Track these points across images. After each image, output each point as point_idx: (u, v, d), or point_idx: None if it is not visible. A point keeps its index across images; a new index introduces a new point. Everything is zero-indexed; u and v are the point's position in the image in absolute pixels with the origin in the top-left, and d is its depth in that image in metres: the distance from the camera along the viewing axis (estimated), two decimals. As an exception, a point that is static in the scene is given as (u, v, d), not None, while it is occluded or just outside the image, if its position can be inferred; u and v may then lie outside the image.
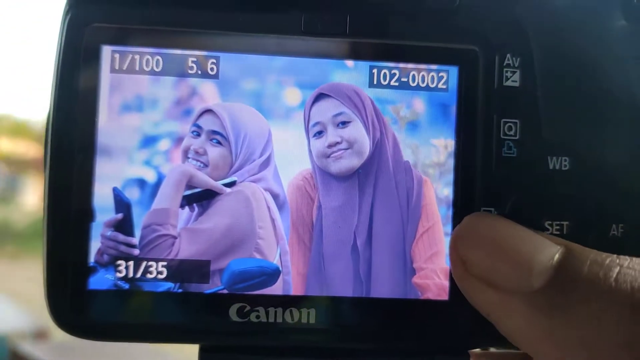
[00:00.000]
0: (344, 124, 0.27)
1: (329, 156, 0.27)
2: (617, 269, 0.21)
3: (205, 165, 0.26)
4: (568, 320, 0.21)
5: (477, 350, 0.28)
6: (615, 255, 0.22)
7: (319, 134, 0.27)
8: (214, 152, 0.27)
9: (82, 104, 0.26)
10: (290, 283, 0.27)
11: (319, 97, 0.27)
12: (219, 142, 0.27)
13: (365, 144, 0.27)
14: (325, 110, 0.27)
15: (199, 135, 0.26)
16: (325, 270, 0.27)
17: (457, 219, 0.27)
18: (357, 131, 0.27)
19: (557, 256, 0.22)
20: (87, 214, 0.26)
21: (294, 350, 0.27)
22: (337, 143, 0.27)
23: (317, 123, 0.27)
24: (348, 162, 0.27)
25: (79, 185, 0.26)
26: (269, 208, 0.27)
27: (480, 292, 0.23)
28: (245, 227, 0.26)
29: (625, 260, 0.21)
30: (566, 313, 0.21)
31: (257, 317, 0.26)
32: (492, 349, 0.28)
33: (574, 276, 0.21)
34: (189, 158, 0.26)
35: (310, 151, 0.27)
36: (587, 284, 0.21)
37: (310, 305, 0.26)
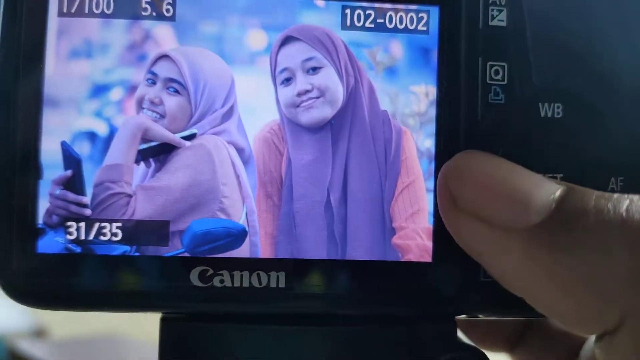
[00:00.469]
0: (315, 69, 0.25)
1: (298, 105, 0.25)
2: (627, 202, 0.20)
3: (162, 117, 0.24)
4: (573, 254, 0.19)
5: (464, 316, 0.25)
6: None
7: (287, 81, 0.24)
8: (171, 102, 0.24)
9: (26, 52, 0.23)
10: (258, 245, 0.24)
11: (287, 40, 0.24)
12: (176, 91, 0.24)
13: (339, 92, 0.25)
14: (294, 55, 0.24)
15: (154, 83, 0.24)
16: (297, 231, 0.24)
17: (438, 172, 0.24)
18: (329, 78, 0.25)
19: (558, 192, 0.21)
20: (33, 171, 0.23)
21: (262, 317, 0.24)
22: (307, 91, 0.24)
23: (284, 69, 0.24)
24: (319, 112, 0.25)
25: (23, 140, 0.23)
26: (233, 163, 0.24)
27: (472, 229, 0.21)
28: (208, 184, 0.24)
29: (635, 196, 0.20)
30: (571, 246, 0.19)
31: (221, 281, 0.24)
32: (480, 316, 0.26)
33: (579, 209, 0.20)
34: (143, 108, 0.24)
35: (277, 100, 0.25)
36: (595, 214, 0.19)
37: (279, 268, 0.24)
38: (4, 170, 0.23)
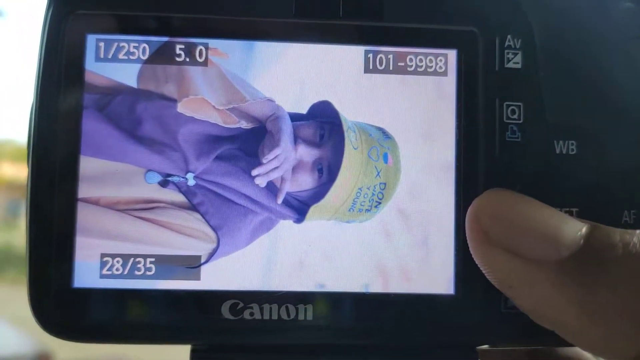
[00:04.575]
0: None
1: None
2: None
3: None
4: (603, 284, 0.21)
5: (485, 347, 0.26)
6: None
7: None
8: None
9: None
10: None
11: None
12: None
13: None
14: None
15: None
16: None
17: (459, 209, 0.25)
18: None
19: (584, 229, 0.22)
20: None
21: (291, 348, 0.25)
22: None
23: None
24: None
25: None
26: None
27: (503, 262, 0.22)
28: None
29: None
30: (601, 277, 0.21)
31: (251, 314, 0.25)
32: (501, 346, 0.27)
33: (606, 243, 0.21)
34: None
35: None
36: (622, 247, 0.21)
37: (307, 301, 0.25)
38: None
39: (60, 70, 0.25)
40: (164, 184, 0.25)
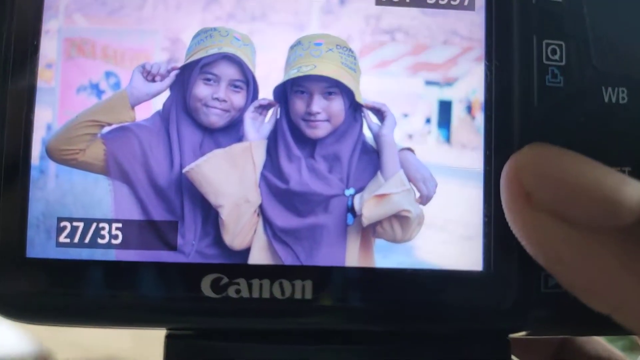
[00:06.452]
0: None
1: None
2: None
3: None
4: None
5: (521, 334, 0.22)
6: None
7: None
8: None
9: None
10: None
11: None
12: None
13: None
14: None
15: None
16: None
17: (491, 164, 0.21)
18: None
19: None
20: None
21: (286, 334, 0.21)
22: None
23: None
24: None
25: None
26: None
27: (550, 229, 0.18)
28: None
29: None
30: None
31: (237, 291, 0.20)
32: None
33: None
34: None
35: None
36: None
37: (305, 276, 0.21)
38: None
39: None
40: None
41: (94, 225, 0.21)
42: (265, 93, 0.22)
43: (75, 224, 0.21)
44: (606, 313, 0.18)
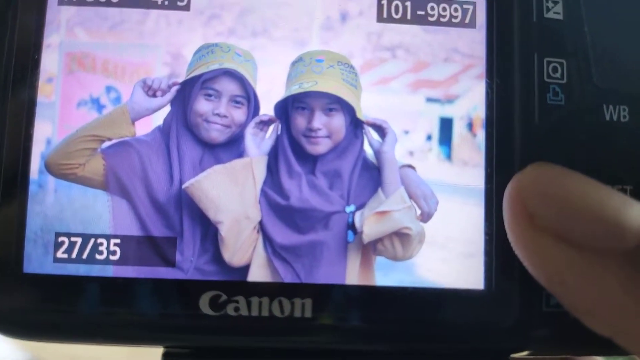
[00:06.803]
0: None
1: None
2: None
3: None
4: None
5: (523, 354, 0.22)
6: None
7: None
8: None
9: None
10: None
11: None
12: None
13: None
14: None
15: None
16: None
17: (492, 182, 0.21)
18: None
19: None
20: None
21: (284, 353, 0.21)
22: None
23: None
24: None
25: None
26: None
27: (553, 251, 0.18)
28: None
29: None
30: None
31: (236, 309, 0.20)
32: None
33: None
34: None
35: None
36: None
37: (305, 294, 0.20)
38: None
39: None
40: None
41: (92, 240, 0.20)
42: (267, 109, 0.22)
43: (73, 239, 0.20)
44: (607, 336, 0.18)
